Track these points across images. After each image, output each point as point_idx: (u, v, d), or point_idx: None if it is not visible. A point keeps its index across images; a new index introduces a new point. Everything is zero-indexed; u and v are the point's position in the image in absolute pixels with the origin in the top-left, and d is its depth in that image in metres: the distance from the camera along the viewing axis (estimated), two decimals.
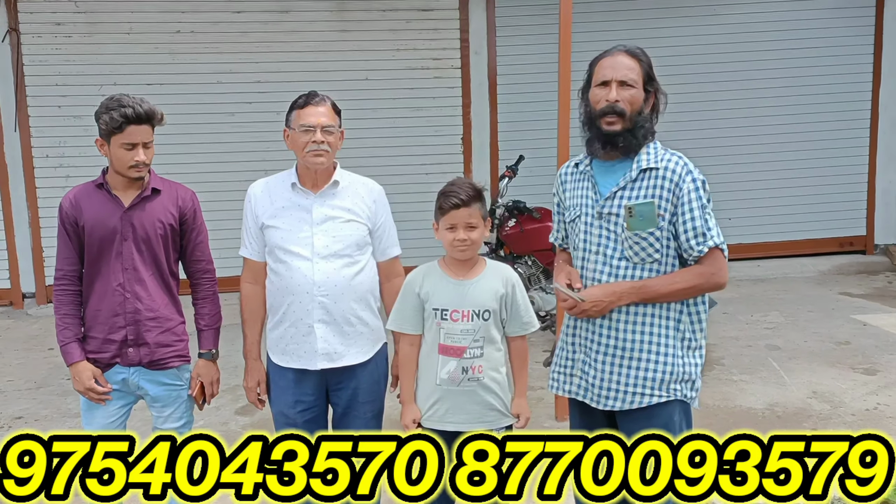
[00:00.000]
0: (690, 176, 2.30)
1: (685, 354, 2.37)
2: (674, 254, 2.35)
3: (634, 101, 2.33)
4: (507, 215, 5.54)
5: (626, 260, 2.34)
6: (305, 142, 2.58)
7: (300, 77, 6.56)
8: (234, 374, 4.58)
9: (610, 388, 2.37)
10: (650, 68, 2.37)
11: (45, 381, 5.07)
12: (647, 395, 2.33)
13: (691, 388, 2.39)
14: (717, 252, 2.32)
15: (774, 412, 4.26)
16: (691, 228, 2.29)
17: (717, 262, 2.32)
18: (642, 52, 2.37)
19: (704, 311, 2.41)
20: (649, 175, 2.33)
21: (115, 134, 2.53)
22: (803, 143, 7.46)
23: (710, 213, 2.32)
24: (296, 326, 2.64)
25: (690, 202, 2.29)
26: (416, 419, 2.57)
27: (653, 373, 2.33)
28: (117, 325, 2.63)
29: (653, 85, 2.37)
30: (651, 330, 2.34)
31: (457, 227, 2.48)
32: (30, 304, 6.85)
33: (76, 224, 2.62)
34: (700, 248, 2.29)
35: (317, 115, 2.59)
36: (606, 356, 2.37)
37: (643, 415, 2.34)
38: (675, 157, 2.35)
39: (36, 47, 6.68)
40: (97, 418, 2.69)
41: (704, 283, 2.32)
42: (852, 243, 7.67)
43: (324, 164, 2.62)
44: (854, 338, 5.42)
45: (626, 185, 2.34)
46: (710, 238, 2.29)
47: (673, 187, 2.30)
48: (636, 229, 2.29)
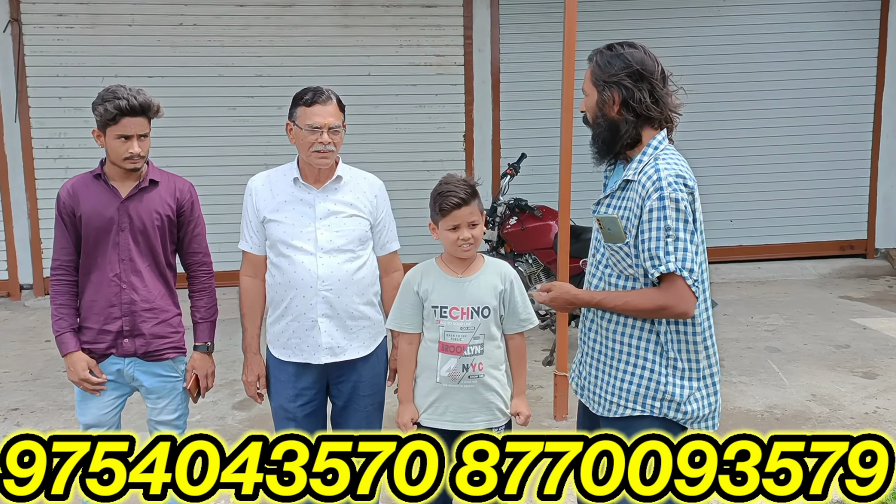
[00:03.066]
0: (658, 193, 2.10)
1: (669, 374, 2.21)
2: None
3: (588, 105, 2.29)
4: (509, 213, 5.52)
5: (611, 268, 2.28)
6: (312, 141, 2.55)
7: (302, 72, 6.54)
8: (231, 368, 4.57)
9: (594, 392, 2.35)
10: (601, 67, 2.22)
11: (42, 372, 5.05)
12: (622, 405, 2.26)
13: (675, 409, 2.22)
14: (675, 278, 2.11)
15: (773, 414, 4.24)
16: (645, 250, 2.13)
17: (674, 289, 2.11)
18: (595, 53, 2.26)
19: (694, 335, 2.21)
20: (629, 187, 2.22)
21: (111, 125, 2.52)
22: (805, 146, 7.44)
23: (674, 234, 2.09)
24: (298, 321, 2.62)
25: (650, 221, 2.11)
26: (414, 419, 2.55)
27: (628, 384, 2.25)
28: (113, 316, 2.62)
29: (602, 83, 2.21)
30: (630, 342, 2.25)
31: (460, 226, 2.45)
32: (27, 296, 6.83)
33: (73, 214, 2.60)
34: (652, 271, 2.13)
35: (324, 114, 2.55)
36: (593, 359, 2.36)
37: (621, 424, 2.27)
38: (652, 170, 2.14)
39: (37, 38, 6.65)
40: (91, 409, 2.67)
41: (659, 309, 2.14)
42: (853, 247, 7.66)
43: (328, 164, 2.60)
44: (854, 341, 5.41)
45: (611, 194, 2.28)
46: (664, 263, 2.10)
47: (641, 202, 2.14)
48: (608, 241, 2.24)
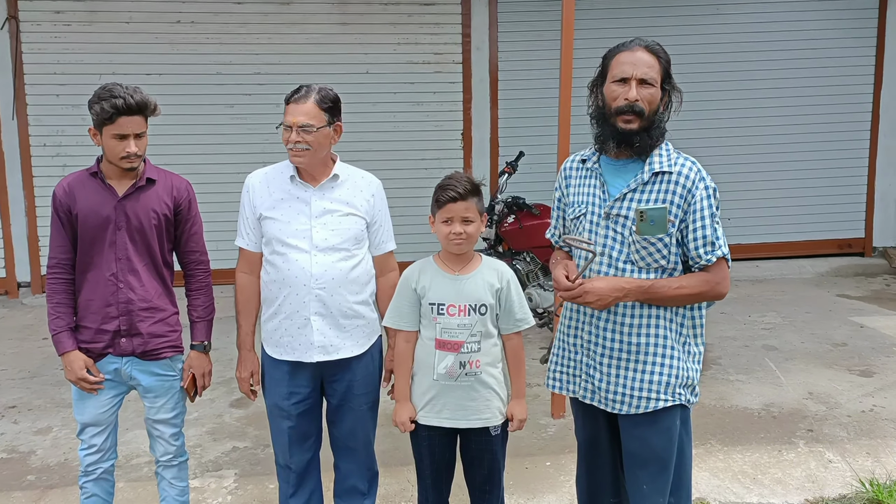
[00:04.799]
0: (703, 183, 2.25)
1: (687, 359, 2.34)
2: (678, 260, 2.29)
3: (653, 100, 2.25)
4: (507, 211, 5.52)
5: (632, 264, 2.28)
6: (286, 140, 2.55)
7: (300, 70, 6.53)
8: (228, 366, 4.57)
9: (616, 392, 2.33)
10: (668, 65, 2.29)
11: (39, 370, 5.04)
12: (654, 398, 2.29)
13: (692, 393, 2.37)
14: (722, 262, 2.28)
15: (770, 412, 4.25)
16: (700, 237, 2.24)
17: (721, 272, 2.28)
18: (662, 49, 2.29)
19: (701, 318, 2.38)
20: (662, 179, 2.26)
21: (107, 124, 2.50)
22: (803, 145, 7.44)
23: (718, 221, 2.27)
24: (291, 318, 2.61)
25: (702, 210, 2.24)
26: (412, 417, 2.55)
27: (659, 375, 2.29)
28: (110, 315, 2.61)
29: (670, 83, 2.30)
30: (657, 332, 2.29)
31: (453, 220, 2.46)
32: (25, 294, 6.82)
33: (69, 212, 2.59)
34: (708, 257, 2.25)
35: (295, 113, 2.52)
36: (612, 359, 2.33)
37: (647, 419, 2.31)
38: (688, 162, 2.29)
39: (35, 35, 6.64)
40: (89, 408, 2.67)
41: (709, 290, 2.28)
42: (851, 245, 7.66)
43: (303, 163, 2.58)
44: (851, 340, 5.41)
45: (637, 188, 2.27)
46: (718, 248, 2.25)
47: (685, 193, 2.24)
48: (646, 234, 2.23)
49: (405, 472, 3.55)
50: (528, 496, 3.43)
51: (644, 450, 2.33)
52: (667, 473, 2.34)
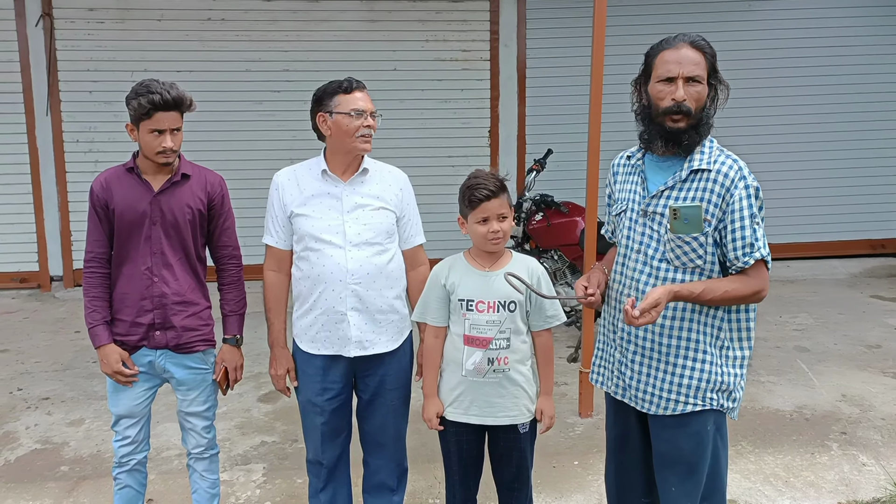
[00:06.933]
0: (744, 182, 2.17)
1: (723, 363, 2.26)
2: (715, 260, 2.23)
3: (700, 97, 2.20)
4: (535, 209, 5.50)
5: (668, 262, 2.23)
6: (357, 126, 2.56)
7: (328, 66, 6.56)
8: (257, 361, 4.61)
9: (646, 392, 2.30)
10: (714, 60, 2.22)
11: (72, 363, 5.12)
12: (682, 402, 2.26)
13: (728, 398, 2.28)
14: (761, 264, 2.20)
15: (803, 414, 4.18)
16: (739, 238, 2.16)
17: (762, 275, 2.19)
18: (707, 44, 2.23)
19: (747, 321, 2.28)
20: (700, 177, 2.20)
21: (144, 120, 2.53)
22: (836, 144, 7.33)
23: (759, 222, 2.18)
24: (327, 314, 2.62)
25: (741, 210, 2.15)
26: (440, 413, 2.55)
27: (688, 379, 2.25)
28: (144, 309, 2.64)
29: (716, 77, 2.23)
30: (689, 335, 2.24)
31: (489, 219, 2.44)
32: (57, 287, 6.94)
33: (107, 207, 2.62)
34: (746, 259, 2.17)
35: (366, 100, 2.59)
36: (644, 357, 2.30)
37: (675, 422, 2.28)
38: (729, 160, 2.21)
39: (68, 32, 6.74)
40: (123, 400, 2.70)
41: (751, 294, 2.20)
42: (884, 246, 7.53)
43: (369, 150, 2.61)
44: (885, 342, 5.32)
45: (675, 185, 2.23)
46: (757, 250, 2.17)
47: (724, 192, 2.17)
48: (679, 232, 2.18)
49: (433, 468, 3.55)
50: (556, 495, 3.41)
51: (672, 451, 2.30)
52: (696, 477, 2.30)
